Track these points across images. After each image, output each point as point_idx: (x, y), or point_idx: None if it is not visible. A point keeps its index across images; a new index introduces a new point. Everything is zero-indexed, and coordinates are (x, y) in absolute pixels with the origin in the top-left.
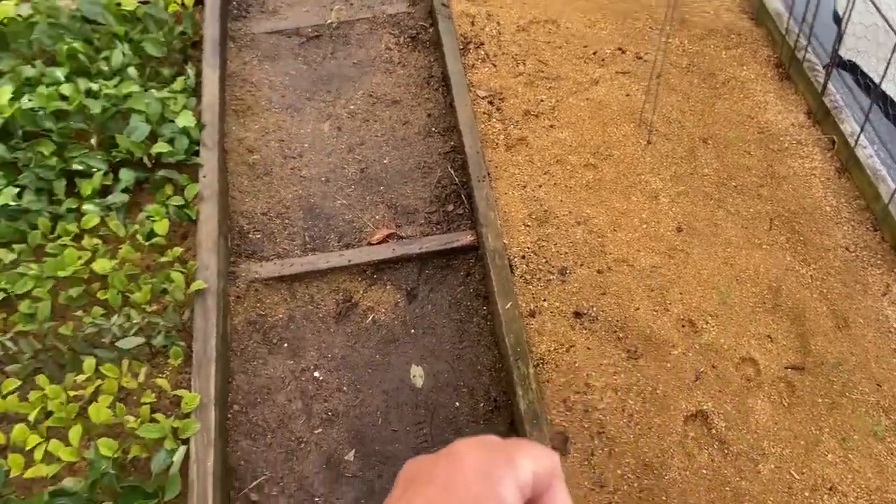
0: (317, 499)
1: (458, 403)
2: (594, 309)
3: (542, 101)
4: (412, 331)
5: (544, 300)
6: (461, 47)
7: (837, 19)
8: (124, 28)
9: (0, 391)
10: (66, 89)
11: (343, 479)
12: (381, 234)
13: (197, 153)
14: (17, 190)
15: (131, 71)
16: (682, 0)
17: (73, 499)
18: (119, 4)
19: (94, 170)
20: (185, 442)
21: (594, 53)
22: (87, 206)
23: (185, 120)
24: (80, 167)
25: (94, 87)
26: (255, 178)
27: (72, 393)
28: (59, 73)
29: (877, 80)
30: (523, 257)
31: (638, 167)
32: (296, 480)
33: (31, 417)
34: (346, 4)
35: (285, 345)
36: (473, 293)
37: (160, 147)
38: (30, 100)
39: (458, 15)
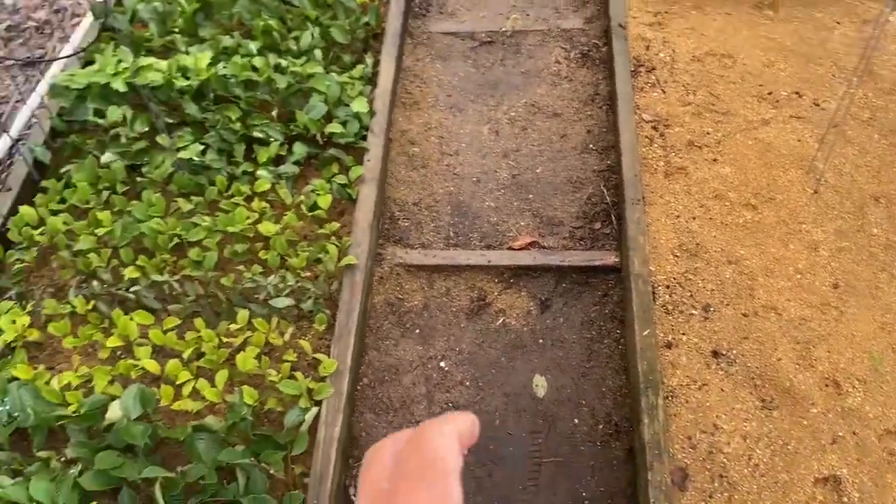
0: None
1: (577, 420)
2: (733, 351)
3: (707, 133)
4: (540, 340)
5: (683, 334)
6: (632, 69)
7: None
8: (316, 13)
9: (162, 326)
10: (257, 62)
11: None
12: (524, 240)
13: (365, 138)
14: (202, 148)
15: (317, 53)
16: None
17: (211, 436)
18: None
19: (272, 139)
20: (318, 404)
21: (769, 93)
22: (260, 172)
23: (359, 106)
24: (259, 135)
25: (283, 63)
26: (411, 169)
27: (224, 339)
28: (253, 46)
29: None
30: (667, 287)
31: (800, 215)
32: None
33: (185, 355)
34: (522, 15)
35: (417, 331)
36: (609, 314)
37: (333, 127)
38: (224, 67)
39: (633, 37)
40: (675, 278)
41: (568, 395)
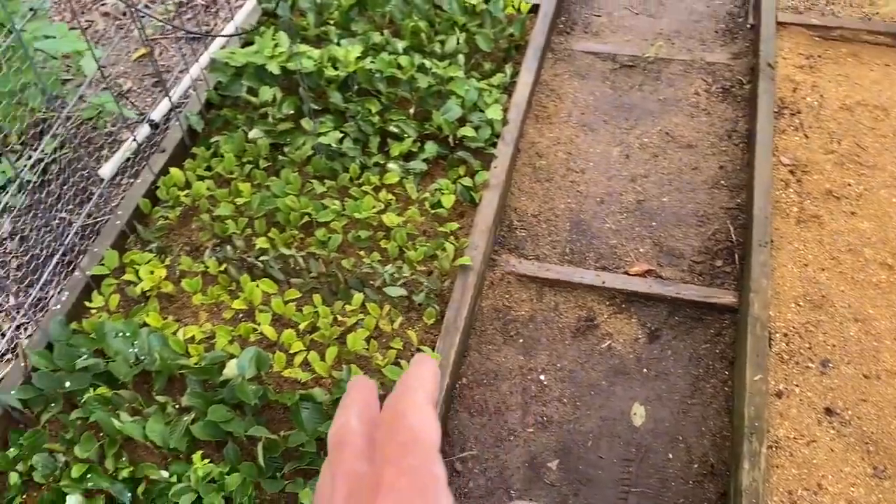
0: (512, 492)
1: (671, 455)
2: (849, 412)
3: (849, 185)
4: (644, 370)
5: (796, 385)
6: (776, 110)
7: None
8: (464, 19)
9: (283, 297)
10: (402, 60)
11: (541, 484)
12: (641, 267)
13: (494, 145)
14: (341, 136)
15: (460, 58)
16: None
17: (315, 407)
18: None
19: (406, 135)
20: None
21: None
22: (391, 165)
23: (494, 113)
24: (395, 130)
25: (427, 63)
26: (535, 181)
27: (338, 318)
28: (400, 45)
29: None
30: (785, 335)
31: None
32: (498, 467)
33: (301, 327)
34: (667, 43)
35: (520, 340)
36: (719, 354)
37: (466, 131)
38: (372, 62)
39: (781, 78)
40: (794, 328)
41: (666, 429)
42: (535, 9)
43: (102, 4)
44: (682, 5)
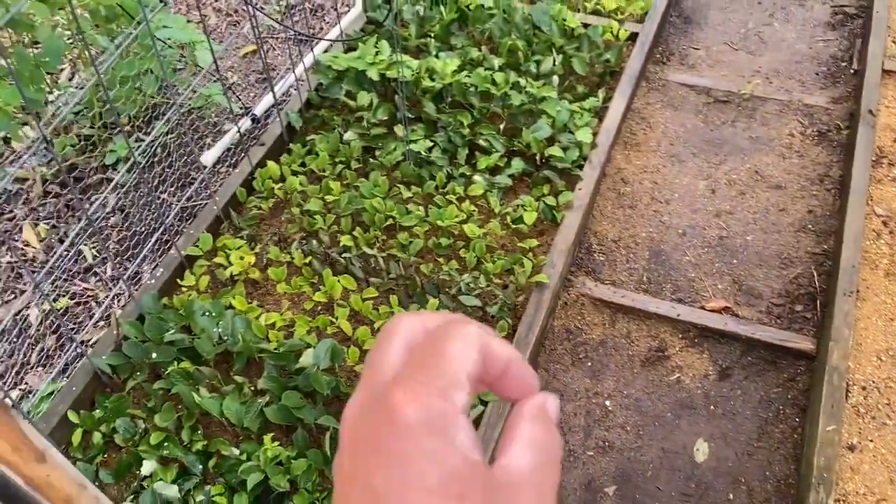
0: None
1: (731, 496)
2: None
3: None
4: (711, 407)
5: (871, 441)
6: (873, 159)
7: None
8: (562, 41)
9: (361, 294)
10: (498, 77)
11: None
12: (718, 303)
13: (581, 167)
14: (431, 145)
15: (554, 79)
16: None
17: None
18: (565, 20)
19: (494, 150)
20: (485, 404)
21: None
22: (476, 177)
23: (583, 135)
24: (483, 143)
25: (521, 82)
26: (618, 206)
27: None
28: (497, 62)
29: None
30: (863, 388)
31: None
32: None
33: (376, 325)
34: (765, 81)
35: (589, 364)
36: (791, 400)
37: (554, 150)
38: (467, 76)
39: (881, 126)
40: (874, 382)
41: (728, 469)
42: (633, 37)
43: (216, 0)
44: (784, 45)
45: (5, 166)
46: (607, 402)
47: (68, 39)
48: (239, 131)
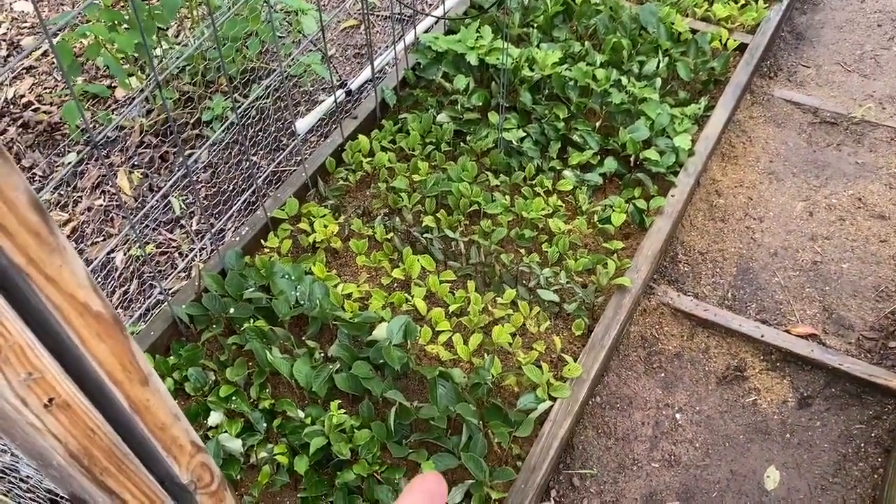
0: None
1: None
2: None
3: None
4: (787, 435)
5: None
6: None
7: None
8: (668, 45)
9: (439, 276)
10: (599, 73)
11: None
12: (805, 329)
13: (675, 173)
14: (523, 135)
15: (657, 81)
16: None
17: (452, 386)
18: (673, 24)
19: (587, 147)
20: (553, 399)
21: None
22: (566, 172)
23: (681, 141)
24: (577, 139)
25: (623, 80)
26: (709, 218)
27: (488, 307)
28: (599, 58)
29: None
30: None
31: None
32: (615, 493)
33: (451, 308)
34: (877, 106)
35: (662, 374)
36: (874, 439)
37: (650, 154)
38: (568, 69)
39: None
40: None
41: (799, 500)
42: (741, 48)
43: None
44: None
45: (109, 113)
46: (677, 416)
47: None
48: (336, 102)
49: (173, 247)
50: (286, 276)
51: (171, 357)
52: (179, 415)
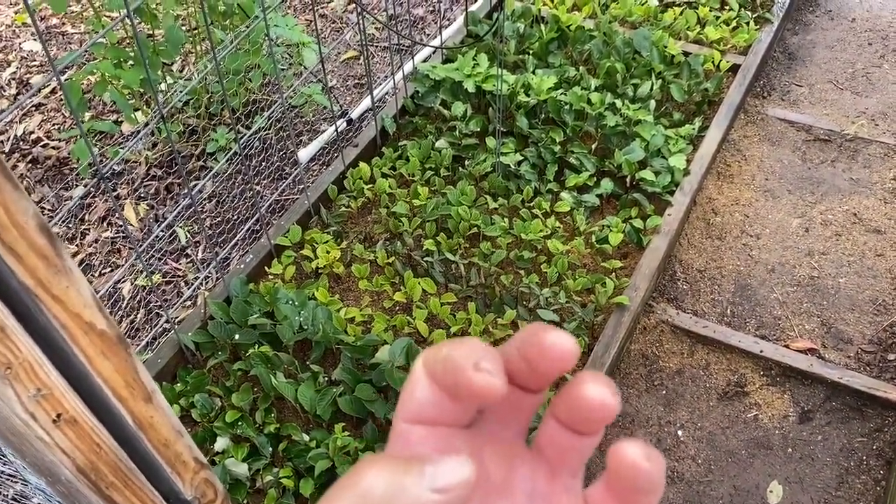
0: None
1: None
2: None
3: None
4: (789, 449)
5: None
6: None
7: None
8: (661, 67)
9: (440, 299)
10: (594, 97)
11: None
12: (803, 344)
13: (671, 193)
14: (521, 159)
15: (651, 103)
16: None
17: None
18: (665, 47)
19: (584, 169)
20: None
21: None
22: (564, 195)
23: (676, 161)
24: (574, 162)
25: (618, 103)
26: (706, 236)
27: (489, 328)
28: (594, 82)
29: None
30: None
31: None
32: None
33: (452, 329)
34: (870, 123)
35: (663, 391)
36: (875, 451)
37: (645, 174)
38: (563, 94)
39: None
40: None
41: None
42: (734, 69)
43: (322, 7)
44: (894, 88)
45: (116, 148)
46: (679, 432)
47: (187, 32)
48: (336, 131)
49: (179, 276)
50: (290, 302)
51: (178, 384)
52: (182, 431)
